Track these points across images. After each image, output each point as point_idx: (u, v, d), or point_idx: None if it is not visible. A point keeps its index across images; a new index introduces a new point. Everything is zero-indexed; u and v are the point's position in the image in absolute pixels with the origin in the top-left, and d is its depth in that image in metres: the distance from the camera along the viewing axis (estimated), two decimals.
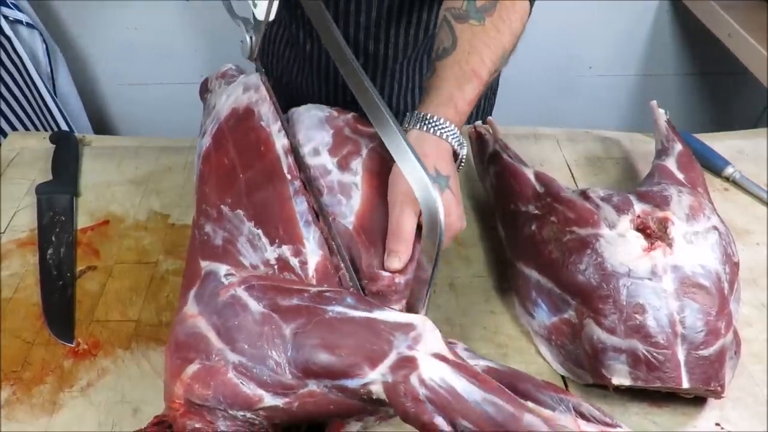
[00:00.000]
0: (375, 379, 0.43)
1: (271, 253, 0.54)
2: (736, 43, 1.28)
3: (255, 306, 0.48)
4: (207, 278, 0.52)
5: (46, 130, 1.37)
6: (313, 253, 0.54)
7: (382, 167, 0.61)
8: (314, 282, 0.53)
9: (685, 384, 0.53)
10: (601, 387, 0.57)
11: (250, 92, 0.66)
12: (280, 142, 0.61)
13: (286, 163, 0.59)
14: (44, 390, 0.58)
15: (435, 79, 0.62)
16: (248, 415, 0.45)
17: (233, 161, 0.61)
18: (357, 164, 0.62)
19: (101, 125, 1.73)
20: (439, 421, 0.41)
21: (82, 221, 0.77)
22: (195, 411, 0.46)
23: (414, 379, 0.42)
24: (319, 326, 0.46)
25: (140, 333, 0.63)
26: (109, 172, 0.84)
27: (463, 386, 0.42)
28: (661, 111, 0.80)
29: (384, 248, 0.56)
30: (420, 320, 0.46)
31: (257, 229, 0.55)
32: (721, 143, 0.87)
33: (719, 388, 0.54)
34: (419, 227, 0.56)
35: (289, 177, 0.58)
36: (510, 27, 0.65)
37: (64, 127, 1.37)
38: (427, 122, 0.59)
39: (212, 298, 0.50)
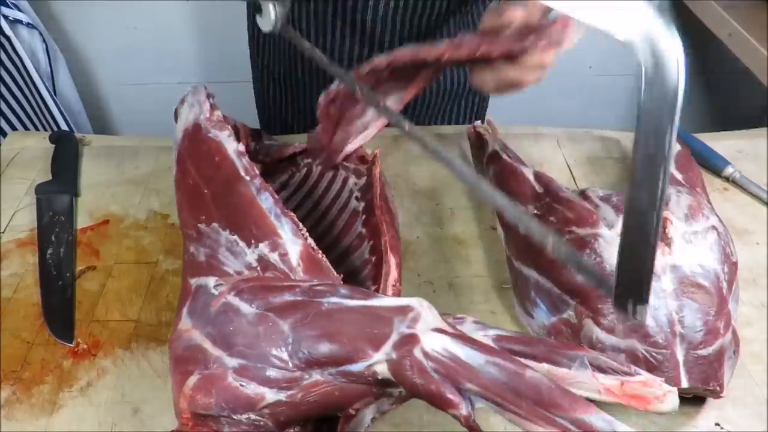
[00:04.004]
0: (379, 359, 0.43)
1: (251, 256, 0.54)
2: (736, 43, 1.28)
3: (247, 309, 0.48)
4: (197, 292, 0.53)
5: (46, 130, 1.37)
6: (292, 242, 0.54)
7: None
8: (301, 270, 0.53)
9: (684, 383, 0.53)
10: None
11: (194, 108, 0.66)
12: (232, 147, 0.60)
13: (242, 165, 0.59)
14: (44, 390, 0.58)
15: None
16: (252, 417, 0.45)
17: (195, 180, 0.61)
18: None
19: (101, 125, 1.74)
20: (447, 388, 0.42)
21: (82, 221, 0.77)
22: (201, 422, 0.47)
23: (418, 353, 0.43)
24: (317, 318, 0.46)
25: (140, 333, 0.63)
26: (109, 172, 0.84)
27: (465, 353, 0.42)
28: None
29: None
30: (416, 302, 0.46)
31: (233, 235, 0.55)
32: (721, 143, 0.87)
33: (718, 388, 0.54)
34: None
35: (247, 178, 0.58)
36: None
37: (64, 127, 1.37)
38: None
39: (205, 310, 0.50)
